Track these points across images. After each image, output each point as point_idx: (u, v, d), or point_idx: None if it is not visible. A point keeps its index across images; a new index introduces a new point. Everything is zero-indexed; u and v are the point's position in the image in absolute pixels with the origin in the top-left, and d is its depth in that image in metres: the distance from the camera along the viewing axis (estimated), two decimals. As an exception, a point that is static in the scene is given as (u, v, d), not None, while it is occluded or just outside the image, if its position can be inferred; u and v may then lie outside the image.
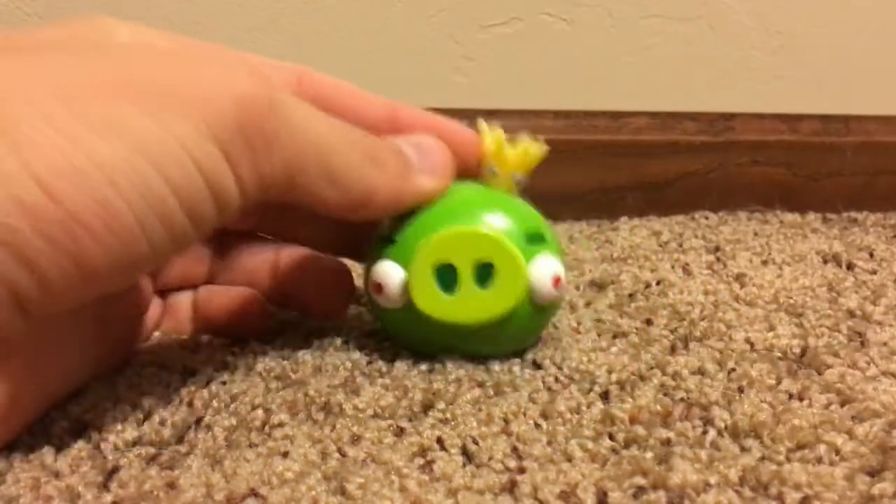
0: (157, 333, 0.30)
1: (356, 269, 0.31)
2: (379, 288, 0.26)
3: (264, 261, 0.30)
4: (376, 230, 0.27)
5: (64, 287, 0.19)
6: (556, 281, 0.26)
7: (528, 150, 0.27)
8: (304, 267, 0.30)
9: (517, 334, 0.27)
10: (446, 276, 0.26)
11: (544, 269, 0.26)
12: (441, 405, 0.24)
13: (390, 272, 0.26)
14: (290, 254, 0.30)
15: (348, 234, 0.30)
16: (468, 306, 0.25)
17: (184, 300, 0.30)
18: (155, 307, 0.29)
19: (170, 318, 0.30)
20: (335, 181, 0.23)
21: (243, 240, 0.30)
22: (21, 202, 0.17)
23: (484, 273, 0.25)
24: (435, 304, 0.25)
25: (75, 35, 0.23)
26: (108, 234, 0.19)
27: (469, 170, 0.27)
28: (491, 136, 0.27)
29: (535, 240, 0.26)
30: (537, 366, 0.27)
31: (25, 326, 0.19)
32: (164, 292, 0.30)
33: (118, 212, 0.19)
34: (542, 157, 0.27)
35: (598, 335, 0.30)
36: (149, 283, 0.28)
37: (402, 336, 0.28)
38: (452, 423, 0.23)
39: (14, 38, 0.22)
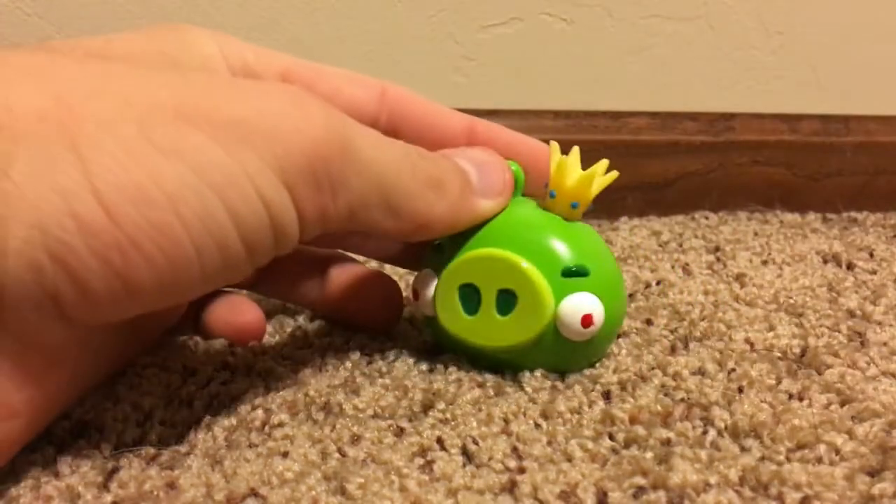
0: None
1: (407, 280, 0.31)
2: (415, 294, 0.27)
3: (314, 272, 0.30)
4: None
5: (109, 304, 0.19)
6: (587, 319, 0.25)
7: (592, 176, 0.26)
8: (354, 280, 0.30)
9: (542, 365, 0.26)
10: (472, 297, 0.25)
11: (574, 307, 0.25)
12: (441, 405, 0.24)
13: (427, 281, 0.26)
14: (341, 266, 0.30)
15: (408, 246, 0.30)
16: (486, 330, 0.25)
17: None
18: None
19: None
20: (396, 213, 0.23)
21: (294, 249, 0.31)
22: (79, 218, 0.17)
23: (511, 300, 0.25)
24: (456, 321, 0.26)
25: (156, 47, 0.23)
26: (161, 259, 0.18)
27: (537, 187, 0.27)
28: (557, 158, 0.26)
29: (573, 274, 0.25)
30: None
31: (68, 336, 0.19)
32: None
33: (176, 238, 0.18)
34: (608, 184, 0.26)
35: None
36: None
37: (436, 338, 0.28)
38: (452, 423, 0.23)
39: (94, 46, 0.21)
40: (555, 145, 0.26)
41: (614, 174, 0.26)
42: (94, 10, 0.47)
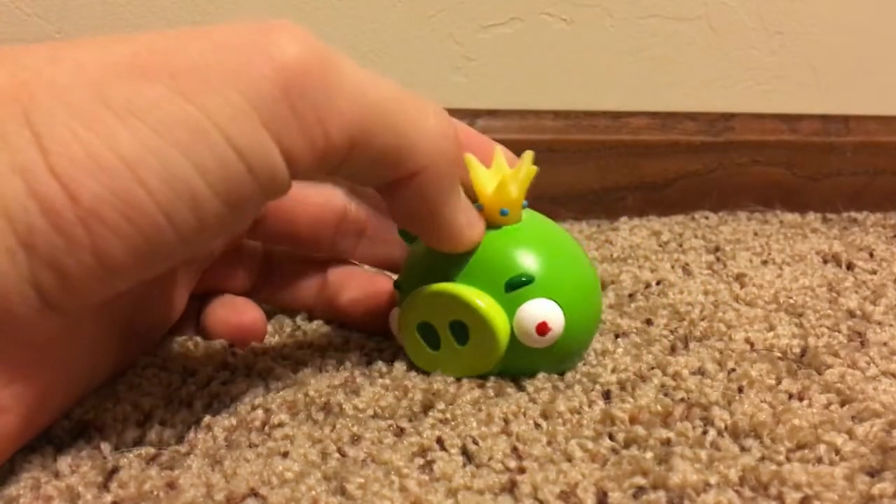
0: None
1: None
2: (393, 331, 0.27)
3: (312, 276, 0.30)
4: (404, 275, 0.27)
5: (88, 281, 0.18)
6: (542, 327, 0.24)
7: (510, 180, 0.25)
8: (353, 284, 0.30)
9: (521, 371, 0.26)
10: (430, 334, 0.25)
11: (527, 316, 0.24)
12: (441, 405, 0.24)
13: (395, 319, 0.27)
14: (339, 270, 0.30)
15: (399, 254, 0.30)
16: (452, 362, 0.25)
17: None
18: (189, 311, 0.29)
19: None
20: (407, 144, 0.21)
21: (291, 255, 0.31)
22: (40, 198, 0.17)
23: (465, 332, 0.25)
24: (423, 357, 0.26)
25: None
26: (130, 229, 0.18)
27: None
28: (472, 170, 0.25)
29: (518, 285, 0.24)
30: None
31: (57, 326, 0.19)
32: (204, 296, 0.30)
33: (141, 205, 0.17)
34: (531, 179, 0.25)
35: (599, 335, 0.30)
36: (183, 292, 0.28)
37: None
38: (452, 423, 0.23)
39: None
40: (469, 157, 0.25)
41: (534, 169, 0.25)
42: (94, 10, 0.47)
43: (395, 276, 0.28)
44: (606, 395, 0.25)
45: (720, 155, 0.53)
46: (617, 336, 0.30)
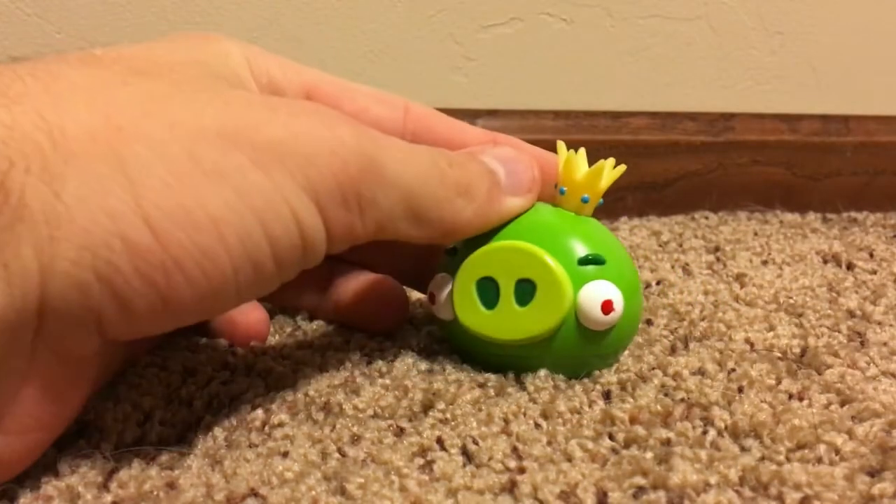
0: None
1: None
2: (432, 297, 0.27)
3: (318, 278, 0.30)
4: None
5: (148, 321, 0.19)
6: (607, 305, 0.24)
7: (601, 170, 0.26)
8: (359, 286, 0.30)
9: (565, 358, 0.26)
10: (489, 292, 0.25)
11: (594, 293, 0.25)
12: (441, 405, 0.24)
13: (443, 284, 0.26)
14: (345, 272, 0.30)
15: (417, 265, 0.30)
16: (506, 323, 0.25)
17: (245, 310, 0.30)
18: None
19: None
20: (423, 221, 0.23)
21: None
22: (127, 240, 0.18)
23: (529, 290, 0.25)
24: (475, 317, 0.25)
25: (194, 57, 0.23)
26: (203, 279, 0.19)
27: (547, 192, 0.27)
28: (564, 156, 0.27)
29: (590, 262, 0.25)
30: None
31: (98, 349, 0.19)
32: None
33: (218, 259, 0.19)
34: (617, 177, 0.27)
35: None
36: None
37: (459, 347, 0.28)
38: (452, 423, 0.23)
39: (137, 55, 0.21)
40: (561, 144, 0.27)
41: (622, 167, 0.27)
42: (94, 10, 0.47)
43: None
44: (606, 395, 0.25)
45: (720, 155, 0.53)
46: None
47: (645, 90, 0.55)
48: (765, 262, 0.40)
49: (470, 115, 0.51)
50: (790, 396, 0.25)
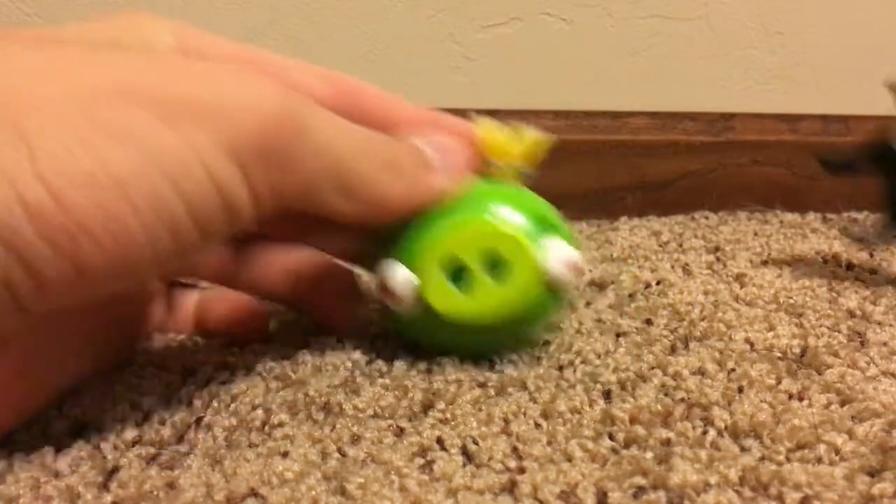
0: (158, 334, 0.30)
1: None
2: (386, 290, 0.25)
3: (277, 263, 0.30)
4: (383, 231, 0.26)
5: (61, 288, 0.19)
6: (571, 264, 0.25)
7: (532, 142, 0.27)
8: (316, 273, 0.30)
9: (534, 324, 0.26)
10: (457, 277, 0.25)
11: (558, 254, 0.25)
12: (441, 405, 0.24)
13: (397, 273, 0.25)
14: (303, 258, 0.30)
15: (361, 243, 0.29)
16: (486, 303, 0.24)
17: (187, 301, 0.30)
18: (159, 306, 0.29)
19: (172, 317, 0.30)
20: (351, 194, 0.23)
21: (258, 240, 0.30)
22: (27, 204, 0.17)
23: (499, 267, 0.25)
24: (451, 304, 0.25)
25: (109, 35, 0.23)
26: (112, 243, 0.18)
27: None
28: (491, 131, 0.27)
29: (545, 227, 0.25)
30: (538, 365, 0.27)
31: (20, 323, 0.19)
32: (172, 284, 0.30)
33: (125, 222, 0.18)
34: (547, 148, 0.27)
35: (599, 335, 0.30)
36: (153, 283, 0.28)
37: (414, 337, 0.27)
38: (452, 423, 0.23)
39: (48, 33, 0.21)
40: (484, 120, 0.27)
41: (551, 137, 0.27)
42: (93, 10, 0.47)
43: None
44: (607, 395, 0.25)
45: (720, 155, 0.53)
46: (617, 336, 0.30)
47: (645, 90, 0.55)
48: (765, 262, 0.40)
49: (470, 115, 0.51)
50: (790, 396, 0.25)
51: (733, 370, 0.26)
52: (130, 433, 0.23)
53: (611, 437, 0.23)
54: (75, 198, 0.18)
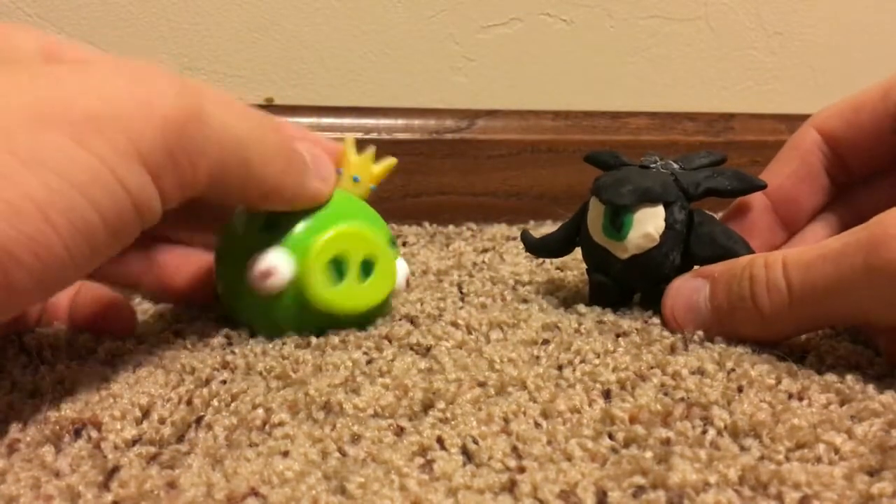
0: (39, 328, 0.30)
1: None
2: (268, 274, 0.28)
3: (140, 253, 0.31)
4: (231, 225, 0.30)
5: None
6: (408, 277, 0.31)
7: (385, 162, 0.32)
8: (177, 262, 0.32)
9: (373, 318, 0.31)
10: (336, 270, 0.29)
11: (402, 269, 0.31)
12: (441, 405, 0.24)
13: (280, 260, 0.28)
14: (166, 248, 0.32)
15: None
16: (352, 296, 0.29)
17: (63, 294, 0.30)
18: None
19: (47, 311, 0.30)
20: (252, 176, 0.25)
21: (159, 242, 0.32)
22: None
23: (369, 268, 0.29)
24: (324, 293, 0.28)
25: None
26: (37, 263, 0.19)
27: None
28: (351, 151, 0.31)
29: (393, 244, 0.31)
30: (537, 365, 0.27)
31: None
32: None
33: (48, 242, 0.19)
34: (391, 170, 0.32)
35: (599, 335, 0.30)
36: None
37: (262, 320, 0.30)
38: (452, 422, 0.23)
39: None
40: (348, 139, 0.31)
41: (392, 160, 0.32)
42: (94, 10, 0.47)
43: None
44: (606, 395, 0.25)
45: (720, 155, 0.53)
46: (617, 336, 0.30)
47: (645, 90, 0.55)
48: (764, 262, 0.40)
49: (470, 116, 0.51)
50: (790, 396, 0.25)
51: (733, 370, 0.26)
52: (130, 432, 0.23)
53: (610, 437, 0.23)
54: (2, 228, 0.19)
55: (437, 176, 0.52)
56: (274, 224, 0.29)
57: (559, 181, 0.52)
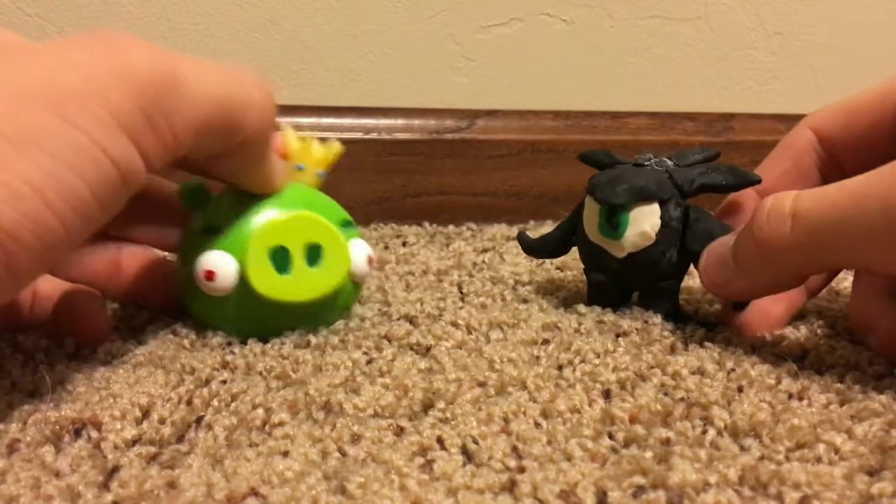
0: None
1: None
2: (211, 275, 0.28)
3: (107, 257, 0.31)
4: (188, 226, 0.30)
5: None
6: (370, 259, 0.30)
7: (330, 148, 0.31)
8: (143, 265, 0.32)
9: (341, 309, 0.30)
10: (277, 261, 0.28)
11: (360, 250, 0.30)
12: (441, 405, 0.24)
13: (221, 260, 0.28)
14: (132, 252, 0.32)
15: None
16: (302, 285, 0.28)
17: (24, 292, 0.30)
18: None
19: (38, 302, 0.30)
20: (234, 128, 0.25)
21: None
22: None
23: (311, 256, 0.28)
24: (271, 284, 0.28)
25: None
26: (37, 242, 0.20)
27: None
28: (291, 139, 0.31)
29: (346, 225, 0.30)
30: (537, 365, 0.27)
31: None
32: None
33: (46, 221, 0.20)
34: (341, 154, 0.32)
35: (599, 335, 0.30)
36: None
37: (226, 323, 0.29)
38: (452, 422, 0.23)
39: None
40: (285, 125, 0.31)
41: (342, 146, 0.32)
42: (94, 10, 0.47)
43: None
44: (606, 395, 0.25)
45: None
46: (617, 336, 0.30)
47: (644, 90, 0.55)
48: (764, 262, 0.40)
49: (470, 116, 0.51)
50: (790, 396, 0.25)
51: (733, 370, 0.26)
52: (130, 432, 0.23)
53: (610, 437, 0.23)
54: (4, 212, 0.19)
55: (437, 176, 0.52)
56: (211, 225, 0.29)
57: (559, 181, 0.52)
